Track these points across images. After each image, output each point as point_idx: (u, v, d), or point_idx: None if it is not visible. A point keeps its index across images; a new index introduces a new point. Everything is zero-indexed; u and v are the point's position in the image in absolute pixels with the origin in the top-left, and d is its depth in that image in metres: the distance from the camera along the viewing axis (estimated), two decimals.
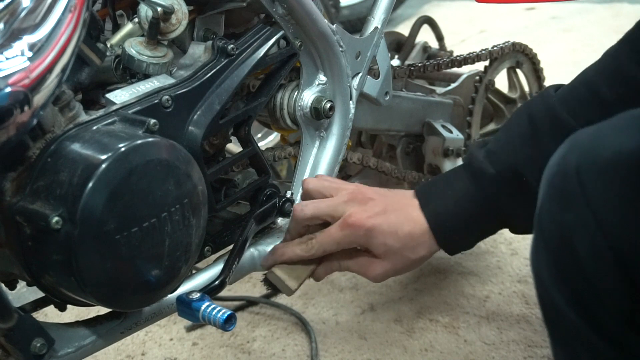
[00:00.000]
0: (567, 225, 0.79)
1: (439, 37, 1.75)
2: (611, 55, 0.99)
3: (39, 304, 0.92)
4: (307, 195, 1.09)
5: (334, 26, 1.11)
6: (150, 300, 0.87)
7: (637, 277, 0.74)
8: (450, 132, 1.43)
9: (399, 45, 1.68)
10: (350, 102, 1.17)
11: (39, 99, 0.72)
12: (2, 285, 0.78)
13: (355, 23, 3.42)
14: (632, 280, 0.75)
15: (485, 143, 1.05)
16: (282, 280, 1.05)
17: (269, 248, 1.07)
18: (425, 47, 1.71)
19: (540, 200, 0.84)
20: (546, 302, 0.87)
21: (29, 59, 0.70)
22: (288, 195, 1.08)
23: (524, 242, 1.72)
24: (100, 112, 0.86)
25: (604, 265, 0.77)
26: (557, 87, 1.03)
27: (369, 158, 1.31)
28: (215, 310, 0.88)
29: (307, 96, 1.11)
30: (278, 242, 1.07)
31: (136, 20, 0.95)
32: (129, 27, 0.97)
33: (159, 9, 0.92)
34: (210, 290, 0.95)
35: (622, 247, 0.75)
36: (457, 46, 2.76)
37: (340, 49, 1.12)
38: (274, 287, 1.09)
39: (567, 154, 0.80)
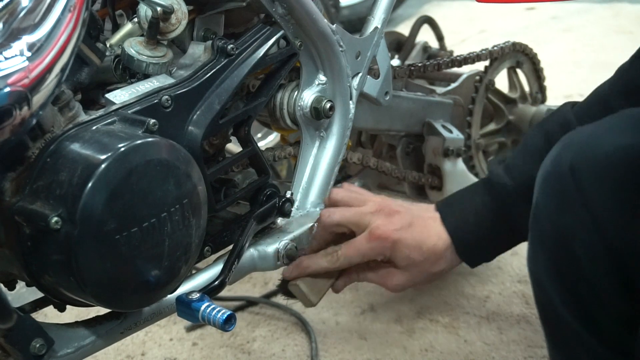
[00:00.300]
0: (564, 227, 0.79)
1: (439, 37, 1.75)
2: (624, 70, 1.00)
3: (38, 305, 0.92)
4: (334, 205, 1.11)
5: (334, 26, 1.11)
6: (150, 300, 0.87)
7: (635, 278, 0.74)
8: (451, 132, 1.43)
9: (399, 45, 1.68)
10: (350, 102, 1.17)
11: (38, 98, 0.72)
12: (2, 285, 0.78)
13: (355, 23, 3.41)
14: (630, 280, 0.75)
15: (504, 159, 1.06)
16: (305, 294, 1.05)
17: (269, 248, 1.07)
18: (426, 47, 1.71)
19: (535, 199, 0.84)
20: (544, 304, 0.87)
21: (28, 58, 0.70)
22: (288, 195, 1.08)
23: (524, 243, 1.72)
24: (100, 112, 0.85)
25: (602, 266, 0.77)
26: (573, 104, 1.04)
27: (369, 158, 1.31)
28: (215, 311, 0.88)
29: (307, 96, 1.11)
30: (278, 243, 1.07)
31: (136, 20, 0.95)
32: (128, 27, 0.97)
33: (159, 8, 0.92)
34: (210, 291, 0.94)
35: (619, 248, 0.75)
36: (457, 46, 2.75)
37: (340, 48, 1.12)
38: (291, 296, 1.09)
39: (561, 152, 0.80)
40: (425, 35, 1.72)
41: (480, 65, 1.54)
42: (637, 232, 0.69)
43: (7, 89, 0.68)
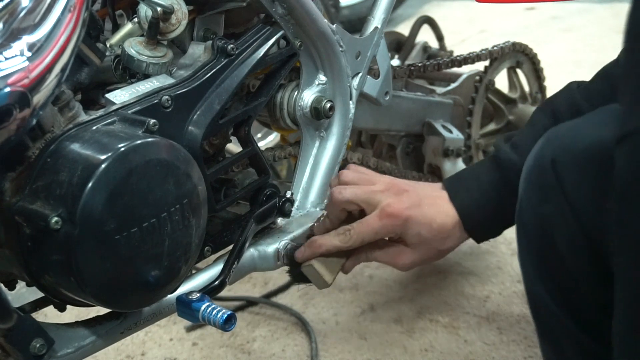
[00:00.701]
0: (545, 217, 0.81)
1: (439, 37, 1.75)
2: None
3: (38, 304, 0.92)
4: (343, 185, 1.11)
5: (334, 26, 1.11)
6: (150, 300, 0.87)
7: (609, 265, 0.74)
8: (450, 132, 1.43)
9: (399, 45, 1.68)
10: (350, 102, 1.17)
11: (38, 98, 0.72)
12: (2, 285, 0.78)
13: (355, 23, 3.42)
14: (606, 267, 0.76)
15: (511, 137, 1.07)
16: (319, 274, 1.05)
17: (269, 248, 1.07)
18: (425, 47, 1.71)
19: (520, 194, 0.86)
20: (532, 296, 0.89)
21: (28, 58, 0.70)
22: (288, 195, 1.08)
23: None
24: (100, 112, 0.85)
25: (581, 256, 0.79)
26: (579, 84, 1.05)
27: (369, 158, 1.31)
28: (215, 311, 0.88)
29: (307, 96, 1.11)
30: (278, 243, 1.07)
31: (136, 20, 0.95)
32: (128, 27, 0.97)
33: (159, 8, 0.92)
34: (210, 291, 0.95)
35: (596, 235, 0.76)
36: (457, 46, 2.75)
37: (340, 48, 1.12)
38: (302, 281, 1.09)
39: (543, 147, 0.82)
40: (425, 35, 1.72)
41: (480, 65, 1.54)
42: (608, 218, 0.70)
43: (7, 89, 0.68)
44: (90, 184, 0.74)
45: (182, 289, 0.94)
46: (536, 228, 0.84)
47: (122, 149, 0.77)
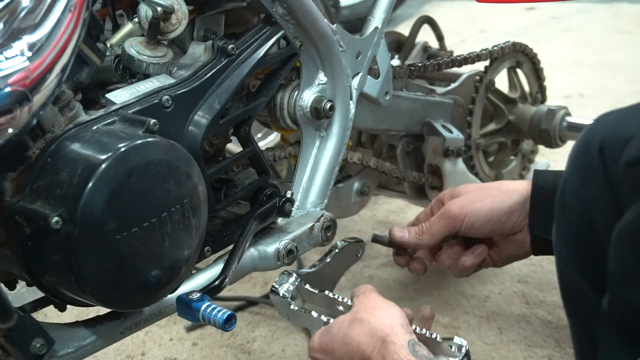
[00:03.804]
0: (587, 199, 0.81)
1: (439, 37, 1.75)
2: None
3: (39, 304, 0.92)
4: None
5: (334, 26, 1.11)
6: (150, 300, 0.87)
7: None
8: (451, 132, 1.43)
9: (399, 45, 1.68)
10: (351, 102, 1.17)
11: (38, 98, 0.72)
12: (2, 285, 0.78)
13: (355, 23, 3.41)
14: None
15: None
16: None
17: (269, 248, 1.06)
18: (426, 47, 1.71)
19: (564, 175, 0.87)
20: (563, 276, 0.90)
21: (29, 58, 0.70)
22: (288, 195, 1.08)
23: None
24: (100, 112, 0.85)
25: None
26: None
27: (369, 158, 1.31)
28: (215, 311, 0.88)
29: (307, 96, 1.11)
30: (278, 243, 1.07)
31: (136, 20, 0.95)
32: (129, 27, 0.97)
33: (159, 8, 0.92)
34: (210, 290, 0.94)
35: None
36: (457, 46, 2.75)
37: (340, 48, 1.12)
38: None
39: (592, 131, 0.83)
40: (425, 35, 1.72)
41: (480, 65, 1.54)
42: None
43: (8, 89, 0.68)
44: (90, 184, 0.74)
45: (182, 288, 0.94)
46: (576, 209, 0.84)
47: (123, 148, 0.77)
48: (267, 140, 1.98)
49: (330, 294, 1.02)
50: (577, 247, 0.85)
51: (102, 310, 0.90)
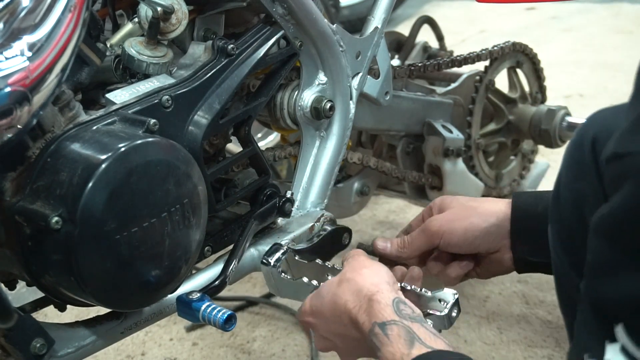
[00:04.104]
0: (579, 193, 0.82)
1: (439, 37, 1.75)
2: None
3: (39, 304, 0.92)
4: None
5: (334, 26, 1.11)
6: (151, 300, 0.87)
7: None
8: (451, 132, 1.43)
9: (399, 45, 1.68)
10: (351, 102, 1.17)
11: (38, 98, 0.72)
12: (2, 285, 0.78)
13: (355, 23, 3.41)
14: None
15: None
16: None
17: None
18: (426, 47, 1.71)
19: (559, 170, 0.88)
20: (556, 267, 0.90)
21: (29, 58, 0.70)
22: (288, 195, 1.08)
23: None
24: (100, 112, 0.85)
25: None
26: None
27: (369, 158, 1.31)
28: (215, 311, 0.88)
29: (307, 96, 1.11)
30: (278, 243, 1.07)
31: (136, 20, 0.95)
32: (129, 27, 0.97)
33: (159, 8, 0.92)
34: (210, 290, 0.95)
35: None
36: (457, 46, 2.75)
37: (340, 48, 1.12)
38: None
39: (586, 127, 0.84)
40: (425, 35, 1.72)
41: (480, 65, 1.54)
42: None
43: (8, 89, 0.68)
44: (90, 184, 0.74)
45: (183, 288, 0.94)
46: (569, 203, 0.85)
47: (123, 148, 0.77)
48: (267, 140, 1.98)
49: (320, 262, 1.03)
50: (569, 242, 0.86)
51: (102, 310, 0.90)
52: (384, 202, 2.01)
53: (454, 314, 0.91)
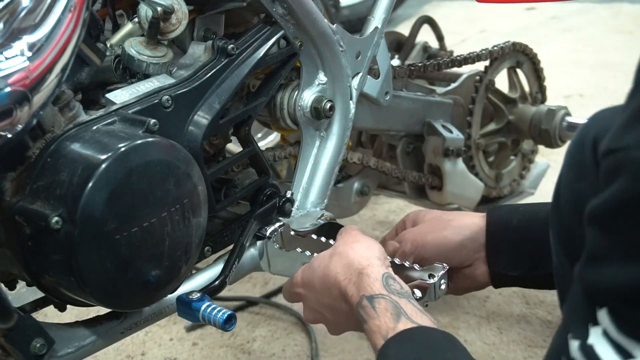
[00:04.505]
0: (579, 194, 0.82)
1: (439, 37, 1.75)
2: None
3: (39, 304, 0.92)
4: None
5: (334, 26, 1.11)
6: (151, 300, 0.87)
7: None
8: (451, 132, 1.43)
9: (399, 45, 1.68)
10: (351, 102, 1.17)
11: (38, 98, 0.72)
12: (2, 285, 0.78)
13: (355, 23, 3.41)
14: None
15: None
16: None
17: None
18: (426, 47, 1.71)
19: (560, 171, 0.88)
20: (557, 268, 0.91)
21: (29, 58, 0.70)
22: (288, 195, 1.08)
23: None
24: (100, 112, 0.86)
25: None
26: None
27: (369, 158, 1.31)
28: (215, 311, 0.88)
29: (307, 96, 1.11)
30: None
31: (136, 20, 0.95)
32: (129, 27, 0.97)
33: (159, 8, 0.92)
34: (210, 290, 0.95)
35: None
36: (457, 46, 2.75)
37: (340, 48, 1.12)
38: None
39: (587, 127, 0.85)
40: (425, 35, 1.72)
41: (480, 65, 1.54)
42: None
43: (8, 89, 0.68)
44: (90, 184, 0.74)
45: (183, 288, 0.94)
46: (569, 204, 0.85)
47: (123, 148, 0.77)
48: (267, 140, 1.98)
49: (314, 237, 1.04)
50: (570, 243, 0.86)
51: (102, 310, 0.90)
52: (384, 202, 2.01)
53: (442, 286, 0.93)
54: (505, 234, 1.04)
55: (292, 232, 1.05)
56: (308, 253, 0.99)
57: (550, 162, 1.77)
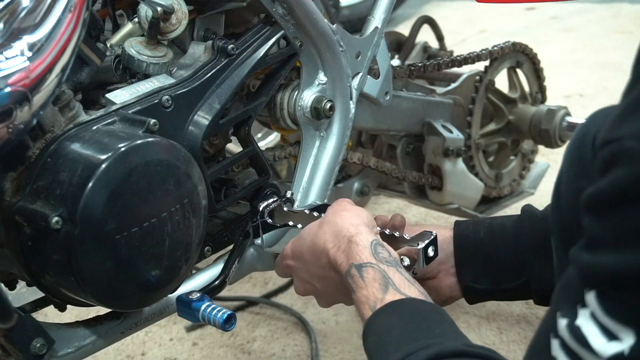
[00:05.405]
0: (580, 192, 0.82)
1: (439, 37, 1.75)
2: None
3: (39, 304, 0.92)
4: None
5: (334, 26, 1.11)
6: (151, 300, 0.87)
7: None
8: (451, 132, 1.43)
9: (399, 45, 1.68)
10: (351, 102, 1.17)
11: (39, 98, 0.72)
12: (2, 285, 0.78)
13: (355, 23, 3.41)
14: None
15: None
16: None
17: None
18: (426, 47, 1.71)
19: (560, 169, 0.88)
20: (557, 269, 0.90)
21: (29, 58, 0.70)
22: (288, 195, 1.08)
23: None
24: (100, 112, 0.86)
25: None
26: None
27: (369, 158, 1.31)
28: (215, 310, 0.88)
29: (307, 96, 1.11)
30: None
31: (136, 20, 0.95)
32: (129, 27, 0.97)
33: (159, 8, 0.92)
34: (210, 290, 0.95)
35: None
36: (457, 46, 2.75)
37: (340, 48, 1.12)
38: None
39: (587, 125, 0.85)
40: (425, 35, 1.72)
41: (480, 65, 1.54)
42: None
43: (8, 89, 0.68)
44: (90, 184, 0.74)
45: (182, 288, 0.94)
46: (569, 202, 0.85)
47: (123, 148, 0.77)
48: (267, 140, 1.98)
49: (307, 211, 1.04)
50: (569, 240, 0.86)
51: (102, 310, 0.90)
52: (384, 202, 2.01)
53: (430, 253, 0.92)
54: (472, 247, 1.04)
55: (285, 209, 1.05)
56: (300, 226, 1.00)
57: (550, 162, 1.77)
